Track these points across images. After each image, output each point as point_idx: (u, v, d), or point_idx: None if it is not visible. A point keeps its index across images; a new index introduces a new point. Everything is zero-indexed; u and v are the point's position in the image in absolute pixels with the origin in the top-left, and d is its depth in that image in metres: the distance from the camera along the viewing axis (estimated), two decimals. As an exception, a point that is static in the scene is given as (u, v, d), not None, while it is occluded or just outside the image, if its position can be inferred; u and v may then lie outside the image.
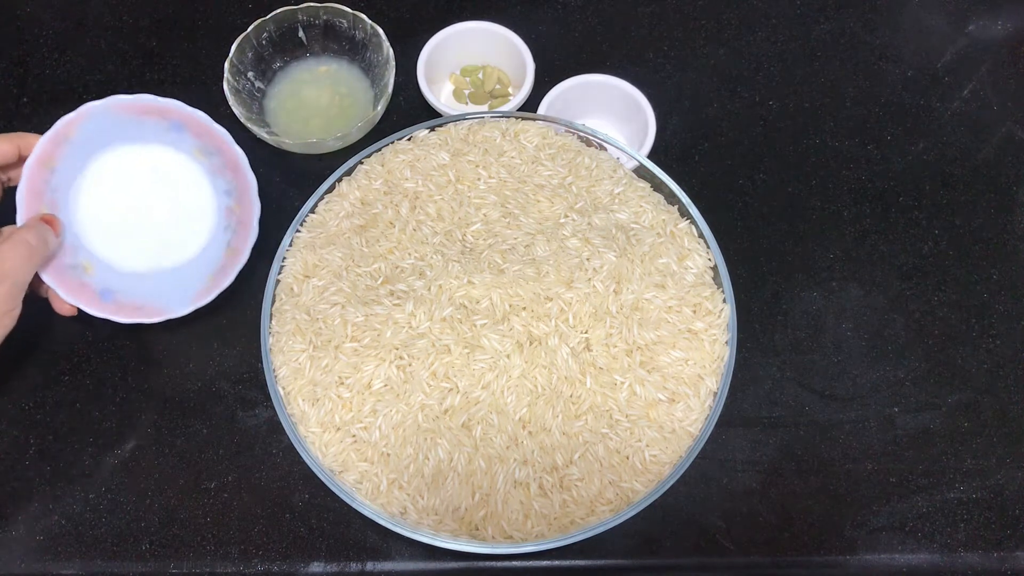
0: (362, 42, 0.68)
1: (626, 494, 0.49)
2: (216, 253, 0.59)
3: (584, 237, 0.53)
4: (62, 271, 0.55)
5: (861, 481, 0.58)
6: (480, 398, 0.49)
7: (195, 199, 0.59)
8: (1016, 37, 0.73)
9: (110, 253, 0.58)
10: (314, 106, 0.68)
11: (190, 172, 0.59)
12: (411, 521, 0.49)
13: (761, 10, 0.74)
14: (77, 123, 0.56)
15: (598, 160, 0.58)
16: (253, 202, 0.59)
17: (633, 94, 0.65)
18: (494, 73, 0.69)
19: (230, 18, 0.72)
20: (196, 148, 0.59)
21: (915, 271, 0.64)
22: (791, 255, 0.65)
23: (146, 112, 0.58)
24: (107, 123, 0.57)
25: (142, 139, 0.58)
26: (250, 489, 0.57)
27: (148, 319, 0.56)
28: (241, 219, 0.59)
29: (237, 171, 0.59)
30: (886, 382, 0.61)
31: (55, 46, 0.71)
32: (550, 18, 0.73)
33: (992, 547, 0.57)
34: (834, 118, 0.69)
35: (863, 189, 0.67)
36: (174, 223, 0.59)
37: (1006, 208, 0.66)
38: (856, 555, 0.56)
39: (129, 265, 0.58)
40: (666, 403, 0.50)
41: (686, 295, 0.53)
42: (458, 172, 0.56)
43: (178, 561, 0.55)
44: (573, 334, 0.50)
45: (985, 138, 0.69)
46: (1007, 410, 0.60)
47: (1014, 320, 0.63)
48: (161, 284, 0.58)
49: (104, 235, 0.57)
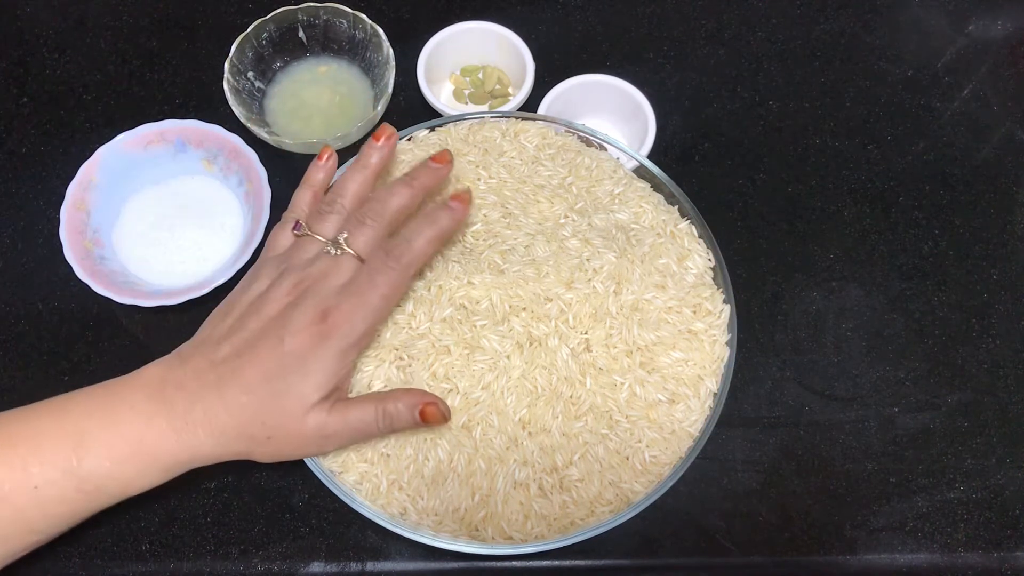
0: (362, 42, 0.68)
1: (626, 495, 0.49)
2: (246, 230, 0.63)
3: (584, 237, 0.53)
4: (116, 285, 0.59)
5: (861, 481, 0.58)
6: (480, 399, 0.49)
7: (220, 206, 0.64)
8: (1016, 37, 0.73)
9: (158, 280, 0.62)
10: (314, 106, 0.68)
11: (208, 186, 0.64)
12: (411, 522, 0.49)
13: (761, 10, 0.74)
14: (95, 165, 0.61)
15: (598, 160, 0.58)
16: (260, 171, 0.62)
17: (633, 94, 0.65)
18: (494, 73, 0.69)
19: (230, 18, 0.72)
20: (202, 158, 0.64)
21: (915, 271, 0.64)
22: (791, 255, 0.65)
23: (149, 141, 0.63)
24: (122, 162, 0.62)
25: (159, 177, 0.64)
26: (250, 489, 0.57)
27: (199, 292, 0.59)
28: (255, 191, 0.62)
29: (239, 156, 0.63)
30: (886, 382, 0.61)
31: (55, 46, 0.71)
32: (550, 18, 0.73)
33: (992, 547, 0.57)
34: (834, 118, 0.69)
35: (863, 189, 0.67)
36: (207, 237, 0.63)
37: (1006, 208, 0.66)
38: (856, 555, 0.56)
39: (178, 283, 0.62)
40: (666, 404, 0.50)
41: (686, 295, 0.53)
42: (458, 172, 0.56)
43: (178, 561, 0.55)
44: (573, 335, 0.50)
45: (985, 138, 0.69)
46: (1007, 410, 0.60)
47: (1014, 320, 0.63)
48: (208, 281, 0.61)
49: (149, 267, 0.62)
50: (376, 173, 0.51)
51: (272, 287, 0.47)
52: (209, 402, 0.44)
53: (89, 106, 0.69)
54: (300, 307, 0.45)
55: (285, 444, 0.45)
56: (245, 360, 0.44)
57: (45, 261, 0.63)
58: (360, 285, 0.45)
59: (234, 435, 0.44)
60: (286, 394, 0.44)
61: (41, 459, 0.42)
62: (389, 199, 0.48)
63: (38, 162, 0.67)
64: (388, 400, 0.46)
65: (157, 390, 0.44)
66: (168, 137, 0.63)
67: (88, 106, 0.69)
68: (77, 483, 0.43)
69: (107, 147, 0.62)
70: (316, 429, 0.45)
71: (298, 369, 0.44)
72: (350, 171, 0.50)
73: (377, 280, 0.45)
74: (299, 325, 0.44)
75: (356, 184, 0.50)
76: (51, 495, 0.43)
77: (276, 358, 0.44)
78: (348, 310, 0.45)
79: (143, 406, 0.44)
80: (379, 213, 0.48)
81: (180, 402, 0.44)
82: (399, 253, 0.46)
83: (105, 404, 0.44)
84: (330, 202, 0.50)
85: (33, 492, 0.42)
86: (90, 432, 0.43)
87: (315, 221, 0.49)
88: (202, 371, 0.44)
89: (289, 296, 0.46)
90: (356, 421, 0.46)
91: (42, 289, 0.62)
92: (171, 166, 0.64)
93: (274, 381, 0.44)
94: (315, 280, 0.46)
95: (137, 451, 0.43)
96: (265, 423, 0.44)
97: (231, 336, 0.45)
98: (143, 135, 0.63)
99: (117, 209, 0.63)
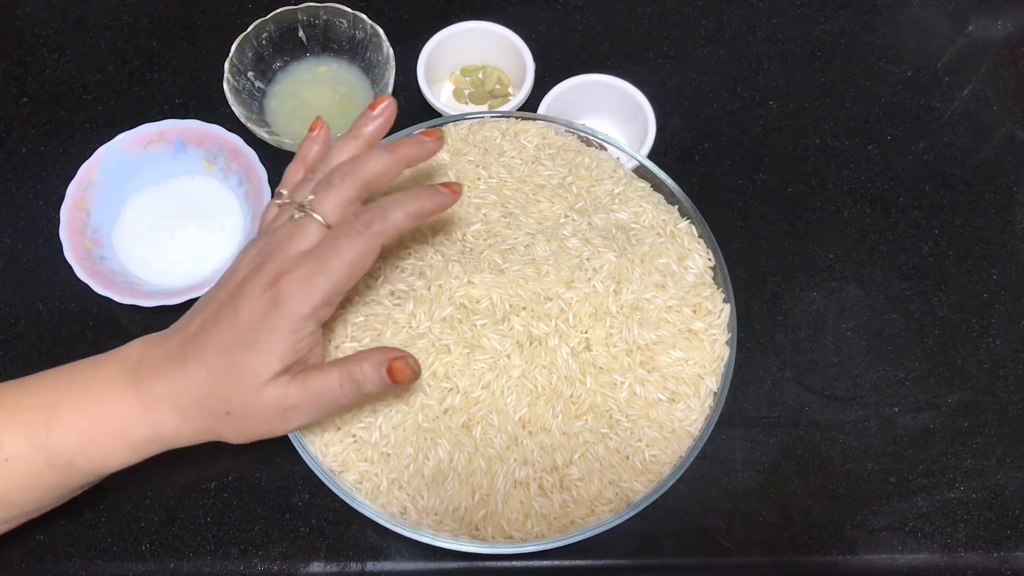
0: (362, 42, 0.68)
1: (626, 494, 0.49)
2: (246, 230, 0.63)
3: (584, 237, 0.53)
4: (116, 285, 0.59)
5: (861, 481, 0.58)
6: (480, 398, 0.49)
7: (220, 206, 0.64)
8: (1016, 37, 0.73)
9: (158, 280, 0.62)
10: (314, 106, 0.68)
11: (208, 186, 0.64)
12: (411, 521, 0.49)
13: (761, 10, 0.74)
14: (95, 165, 0.61)
15: (598, 160, 0.58)
16: (260, 171, 0.62)
17: (633, 94, 0.65)
18: (494, 73, 0.69)
19: (230, 18, 0.72)
20: (202, 158, 0.64)
21: (915, 271, 0.64)
22: (791, 255, 0.65)
23: (149, 141, 0.63)
24: (122, 162, 0.62)
25: (159, 177, 0.64)
26: (250, 489, 0.57)
27: (199, 292, 0.59)
28: (255, 191, 0.62)
29: (239, 156, 0.63)
30: (886, 382, 0.61)
31: (55, 46, 0.71)
32: (550, 18, 0.73)
33: (992, 547, 0.57)
34: (834, 118, 0.70)
35: (863, 189, 0.67)
36: (207, 237, 0.63)
37: (1006, 208, 0.66)
38: (856, 555, 0.56)
39: (178, 283, 0.62)
40: (666, 403, 0.50)
41: (686, 295, 0.53)
42: (458, 172, 0.56)
43: (178, 561, 0.55)
44: (573, 334, 0.50)
45: (985, 138, 0.69)
46: (1007, 410, 0.60)
47: (1014, 320, 0.63)
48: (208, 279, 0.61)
49: (149, 267, 0.62)
50: (368, 144, 0.47)
51: (241, 256, 0.46)
52: (173, 377, 0.43)
53: (89, 106, 0.69)
54: (257, 274, 0.43)
55: (245, 420, 0.43)
56: (205, 332, 0.43)
57: (45, 261, 0.63)
58: (321, 250, 0.42)
59: (196, 411, 0.43)
60: (239, 367, 0.42)
61: (13, 430, 0.42)
62: (364, 162, 0.45)
63: (38, 162, 0.67)
64: (351, 362, 0.43)
65: (133, 367, 0.44)
66: (168, 137, 0.63)
67: (88, 106, 0.69)
68: (47, 456, 0.42)
69: (107, 147, 0.62)
70: (275, 402, 0.43)
71: (250, 342, 0.42)
72: (340, 140, 0.48)
73: (340, 243, 0.42)
74: (254, 293, 0.42)
75: (345, 154, 0.47)
76: (20, 468, 0.42)
77: (231, 329, 0.42)
78: (302, 276, 0.42)
79: (118, 382, 0.43)
80: (348, 175, 0.44)
81: (148, 377, 0.43)
82: (369, 218, 0.43)
83: (84, 378, 0.44)
84: (314, 171, 0.47)
85: (4, 464, 0.42)
86: (62, 405, 0.43)
87: (296, 190, 0.47)
88: (173, 347, 0.44)
89: (252, 263, 0.44)
90: (318, 390, 0.43)
91: (42, 289, 0.62)
92: (171, 166, 0.64)
93: (228, 354, 0.42)
94: (275, 245, 0.44)
95: (105, 427, 0.43)
96: (221, 396, 0.43)
97: (203, 310, 0.44)
98: (143, 135, 0.63)
99: (117, 209, 0.63)
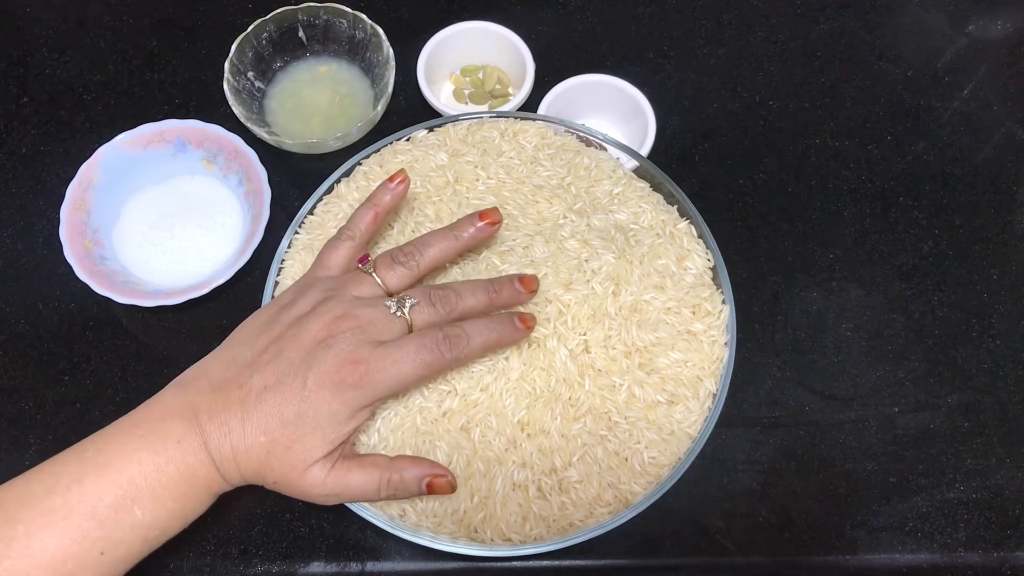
0: (362, 42, 0.68)
1: (625, 496, 0.49)
2: (246, 230, 0.63)
3: (583, 238, 0.53)
4: (116, 285, 0.59)
5: (861, 481, 0.58)
6: (478, 401, 0.49)
7: (220, 206, 0.64)
8: (1016, 37, 0.72)
9: (158, 280, 0.62)
10: (314, 106, 0.68)
11: (208, 186, 0.64)
12: (410, 523, 0.49)
13: (761, 10, 0.74)
14: (95, 165, 0.61)
15: (597, 160, 0.58)
16: (260, 171, 0.62)
17: (633, 94, 0.65)
18: (494, 73, 0.69)
19: (230, 18, 0.72)
20: (202, 158, 0.64)
21: (915, 271, 0.64)
22: (791, 255, 0.65)
23: (149, 141, 0.63)
24: (122, 162, 0.62)
25: (159, 177, 0.64)
26: (250, 489, 0.57)
27: (199, 292, 0.59)
28: (255, 190, 0.62)
29: (239, 156, 0.63)
30: (886, 382, 0.61)
31: (55, 46, 0.71)
32: (550, 18, 0.73)
33: (992, 547, 0.57)
34: (834, 118, 0.69)
35: (863, 189, 0.67)
36: (207, 237, 0.63)
37: (1006, 208, 0.66)
38: (856, 555, 0.56)
39: (178, 283, 0.61)
40: (665, 405, 0.50)
41: (685, 296, 0.52)
42: (456, 173, 0.56)
43: (178, 561, 0.55)
44: (572, 336, 0.50)
45: (985, 138, 0.69)
46: (1007, 410, 0.60)
47: (1014, 320, 0.63)
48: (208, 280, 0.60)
49: (149, 267, 0.62)
50: (464, 249, 0.50)
51: (314, 312, 0.45)
52: (236, 438, 0.43)
53: (89, 106, 0.69)
54: (334, 348, 0.44)
55: (284, 488, 0.45)
56: (270, 396, 0.43)
57: (45, 261, 0.63)
58: (402, 350, 0.44)
59: (251, 475, 0.45)
60: (295, 444, 0.43)
61: (101, 522, 0.40)
62: (466, 296, 0.47)
63: (38, 162, 0.67)
64: (394, 469, 0.45)
65: (192, 419, 0.43)
66: (168, 137, 0.63)
67: (88, 106, 0.69)
68: (144, 533, 0.42)
69: (107, 147, 0.62)
70: (312, 487, 0.44)
71: (312, 419, 0.43)
72: (438, 234, 0.49)
73: (422, 355, 0.44)
74: (327, 366, 0.43)
75: (438, 251, 0.49)
76: (119, 555, 0.41)
77: (296, 402, 0.43)
78: (380, 368, 0.44)
79: (188, 441, 0.42)
80: (452, 306, 0.47)
81: (214, 434, 0.43)
82: (457, 344, 0.45)
83: (148, 444, 0.42)
84: (408, 254, 0.48)
85: (99, 559, 0.40)
86: (143, 478, 0.41)
87: (384, 267, 0.48)
88: (232, 401, 0.43)
89: (328, 329, 0.44)
90: (358, 486, 0.45)
91: (42, 289, 0.63)
92: (171, 166, 0.64)
93: (289, 427, 0.43)
94: (360, 324, 0.45)
95: (192, 484, 0.43)
96: (273, 470, 0.44)
97: (265, 364, 0.44)
98: (143, 135, 0.63)
99: (117, 209, 0.63)
